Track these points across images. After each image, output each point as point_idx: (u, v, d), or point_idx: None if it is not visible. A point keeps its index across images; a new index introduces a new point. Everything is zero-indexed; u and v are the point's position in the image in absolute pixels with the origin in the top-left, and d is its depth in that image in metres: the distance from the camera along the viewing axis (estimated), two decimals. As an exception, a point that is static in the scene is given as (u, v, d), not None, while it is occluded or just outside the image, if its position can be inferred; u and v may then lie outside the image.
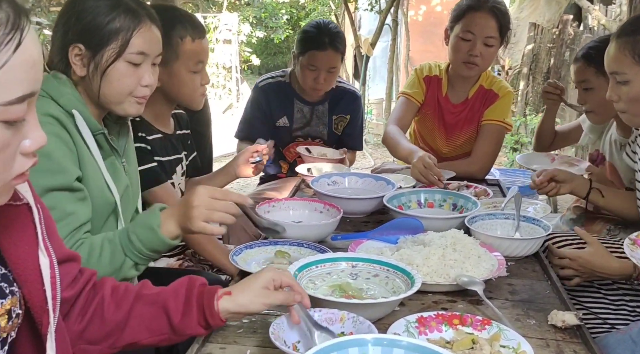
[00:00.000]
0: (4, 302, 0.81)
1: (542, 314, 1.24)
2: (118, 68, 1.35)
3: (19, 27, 0.68)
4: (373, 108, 9.36)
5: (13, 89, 0.67)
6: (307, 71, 2.50)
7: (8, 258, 0.83)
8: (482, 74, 2.47)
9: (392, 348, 0.95)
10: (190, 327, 1.05)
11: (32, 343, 0.88)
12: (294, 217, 1.73)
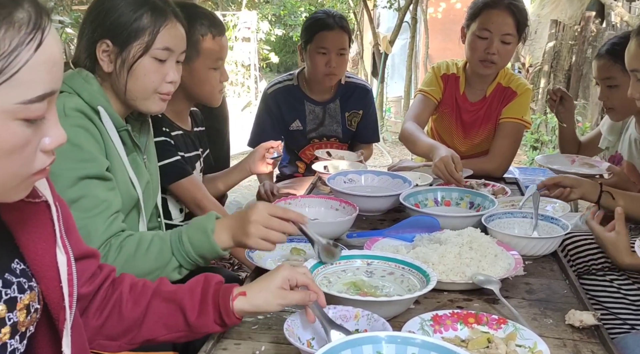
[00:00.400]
0: (23, 297, 0.83)
1: (559, 313, 1.23)
2: (144, 64, 1.38)
3: (40, 27, 0.69)
4: (391, 106, 9.33)
5: (34, 88, 0.69)
6: (318, 56, 2.49)
7: (26, 255, 0.84)
8: (500, 72, 2.44)
9: (406, 346, 0.95)
10: (207, 326, 1.05)
11: (49, 338, 0.90)
12: (310, 214, 1.73)
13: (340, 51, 2.50)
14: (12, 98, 0.67)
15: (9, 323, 0.80)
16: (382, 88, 8.49)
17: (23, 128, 0.69)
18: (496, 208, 1.71)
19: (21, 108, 0.68)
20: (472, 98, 2.48)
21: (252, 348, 1.08)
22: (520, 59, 8.39)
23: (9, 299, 0.80)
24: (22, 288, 0.83)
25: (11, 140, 0.69)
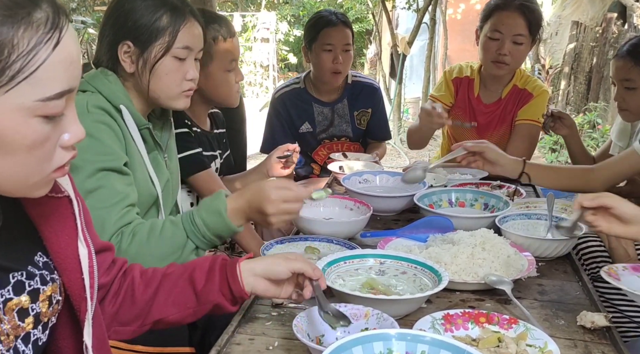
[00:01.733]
0: (45, 289, 0.86)
1: (571, 315, 1.23)
2: (165, 64, 1.42)
3: (58, 27, 0.72)
4: (409, 108, 9.31)
5: (52, 86, 0.71)
6: (324, 54, 2.52)
7: (49, 247, 0.87)
8: (516, 73, 2.44)
9: (416, 344, 0.97)
10: (213, 292, 1.06)
11: (70, 329, 0.93)
12: (325, 214, 1.75)
13: (345, 47, 2.53)
14: (31, 95, 0.70)
15: (32, 314, 0.83)
16: (400, 90, 8.48)
17: (42, 125, 0.72)
18: (510, 209, 1.71)
19: (40, 106, 0.71)
20: (486, 100, 2.48)
21: (265, 344, 1.10)
22: (541, 60, 8.32)
23: (32, 290, 0.83)
24: (44, 280, 0.86)
25: (31, 136, 0.71)
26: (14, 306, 0.80)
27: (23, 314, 0.82)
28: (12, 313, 0.80)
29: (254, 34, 11.82)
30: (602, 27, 7.21)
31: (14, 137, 0.70)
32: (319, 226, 1.59)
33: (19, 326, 0.81)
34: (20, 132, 0.70)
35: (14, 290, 0.81)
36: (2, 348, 0.78)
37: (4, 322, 0.78)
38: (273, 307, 1.26)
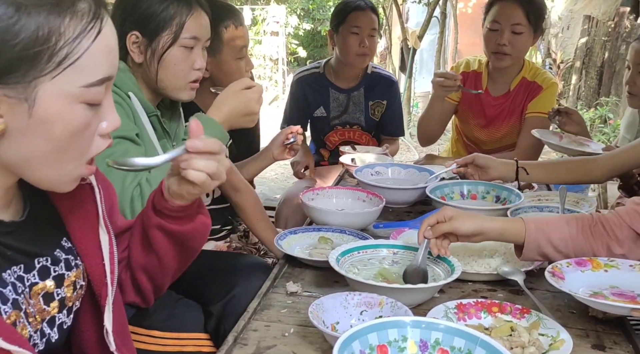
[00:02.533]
0: (70, 274, 0.89)
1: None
2: (173, 54, 1.43)
3: (99, 17, 0.75)
4: (419, 102, 9.29)
5: (94, 72, 0.74)
6: (351, 37, 2.56)
7: (72, 234, 0.90)
8: (525, 66, 2.46)
9: (431, 331, 0.98)
10: (148, 217, 0.99)
11: (92, 314, 0.95)
12: (337, 205, 1.76)
13: (371, 32, 2.58)
14: (76, 82, 0.73)
15: (57, 298, 0.86)
16: (410, 84, 8.47)
17: (85, 111, 0.75)
18: (522, 202, 1.72)
19: (83, 92, 0.74)
20: (495, 93, 2.49)
21: (281, 330, 1.12)
22: (552, 54, 8.28)
23: (57, 276, 0.86)
24: (69, 265, 0.88)
25: (75, 122, 0.74)
26: (40, 290, 0.83)
27: (48, 298, 0.84)
28: (38, 297, 0.82)
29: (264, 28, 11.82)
30: (615, 22, 7.16)
31: (60, 122, 0.73)
32: (332, 217, 1.60)
33: (44, 309, 0.84)
34: (65, 118, 0.73)
35: (39, 274, 0.83)
36: (30, 329, 0.80)
37: (31, 305, 0.81)
38: (288, 295, 1.28)
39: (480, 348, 0.94)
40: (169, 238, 1.00)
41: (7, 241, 0.77)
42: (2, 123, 0.70)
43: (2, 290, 0.75)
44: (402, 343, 0.98)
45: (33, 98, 0.71)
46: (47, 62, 0.70)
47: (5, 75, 0.68)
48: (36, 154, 0.74)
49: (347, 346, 0.92)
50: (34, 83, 0.70)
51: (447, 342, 0.97)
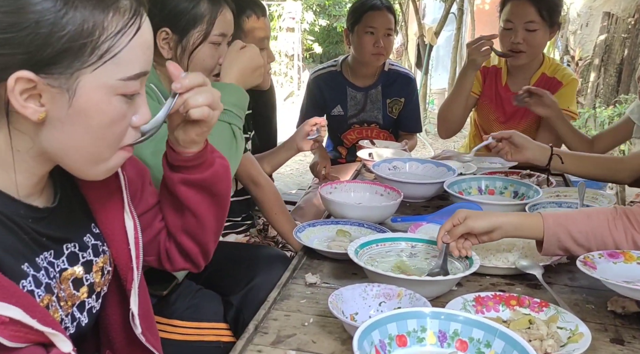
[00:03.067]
0: (98, 260, 0.91)
1: (601, 300, 1.24)
2: (203, 51, 1.47)
3: (139, 14, 0.78)
4: (435, 98, 9.25)
5: (132, 67, 0.77)
6: (366, 37, 2.56)
7: (99, 220, 0.92)
8: (545, 62, 2.45)
9: (449, 322, 0.99)
10: (168, 176, 1.01)
11: (118, 298, 0.98)
12: (355, 199, 1.78)
13: (387, 31, 2.57)
14: (115, 75, 0.76)
15: (86, 283, 0.88)
16: (426, 80, 8.44)
17: (121, 103, 0.78)
18: (540, 197, 1.72)
19: (121, 85, 0.77)
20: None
21: (300, 320, 1.14)
22: (570, 51, 8.20)
23: (86, 262, 0.88)
24: (97, 251, 0.91)
25: (112, 113, 0.77)
26: (69, 275, 0.85)
27: (78, 283, 0.87)
28: (68, 282, 0.85)
29: (280, 24, 11.83)
30: (635, 19, 7.06)
31: (98, 112, 0.76)
32: (351, 210, 1.62)
33: (74, 294, 0.86)
34: (103, 108, 0.76)
35: (68, 260, 0.85)
36: (62, 313, 0.83)
37: (62, 290, 0.83)
38: (307, 286, 1.29)
39: (499, 339, 0.95)
40: (195, 189, 1.01)
41: (39, 227, 0.80)
42: (43, 112, 0.73)
43: (36, 274, 0.77)
44: (421, 333, 0.99)
45: (74, 89, 0.73)
46: (90, 55, 0.73)
47: (51, 66, 0.71)
48: (74, 143, 0.77)
49: (367, 336, 0.94)
50: (76, 75, 0.73)
51: (466, 333, 0.98)
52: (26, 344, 0.68)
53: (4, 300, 0.65)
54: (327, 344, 1.06)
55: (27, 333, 0.67)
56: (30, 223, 0.78)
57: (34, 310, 0.69)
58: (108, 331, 0.98)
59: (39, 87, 0.72)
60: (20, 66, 0.70)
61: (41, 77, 0.71)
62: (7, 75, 0.70)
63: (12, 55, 0.69)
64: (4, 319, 0.64)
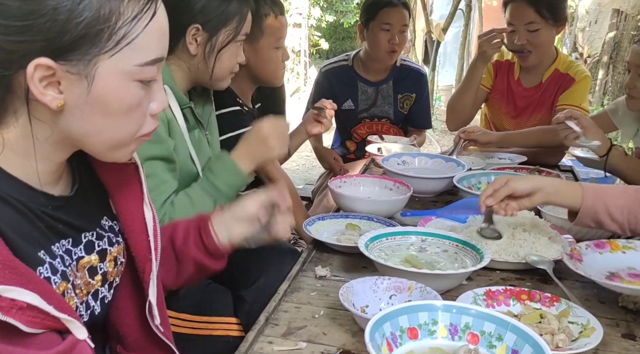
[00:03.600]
0: (112, 250, 0.92)
1: (612, 296, 1.24)
2: (230, 49, 1.47)
3: (154, 0, 0.77)
4: (442, 95, 9.22)
5: (148, 52, 0.78)
6: (382, 33, 2.55)
7: (118, 210, 0.93)
8: (559, 58, 2.44)
9: (461, 315, 0.99)
10: (189, 249, 1.09)
11: (131, 291, 0.99)
12: (364, 193, 1.78)
13: (402, 28, 2.57)
14: (132, 60, 0.76)
15: (100, 272, 0.89)
16: (433, 77, 8.41)
17: (138, 89, 0.78)
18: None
19: (138, 71, 0.77)
20: (527, 83, 2.48)
21: (311, 312, 1.14)
22: (578, 49, 8.16)
23: (101, 250, 0.89)
24: (111, 241, 0.91)
25: (129, 100, 0.78)
26: (85, 263, 0.86)
27: (93, 272, 0.87)
28: (84, 270, 0.85)
29: (287, 19, 11.86)
30: (644, 16, 7.02)
31: (116, 98, 0.76)
32: (360, 204, 1.62)
33: (89, 282, 0.87)
34: (121, 95, 0.77)
35: (85, 249, 0.86)
36: (77, 301, 0.83)
37: (78, 277, 0.84)
38: (317, 279, 1.29)
39: (511, 332, 0.95)
40: (199, 269, 1.12)
41: (58, 214, 0.80)
42: (62, 100, 0.73)
43: (52, 261, 0.77)
44: (432, 326, 0.99)
45: (92, 76, 0.74)
46: (107, 41, 0.73)
47: (69, 52, 0.71)
48: (93, 129, 0.78)
49: (378, 328, 0.93)
50: (94, 61, 0.73)
51: (478, 326, 0.98)
52: (42, 330, 0.69)
53: (22, 286, 0.65)
54: (338, 336, 1.06)
55: (44, 319, 0.68)
56: (49, 210, 0.78)
57: (51, 297, 0.69)
58: (120, 324, 0.98)
59: (58, 74, 0.72)
60: (39, 53, 0.70)
61: (60, 64, 0.71)
62: (26, 62, 0.70)
63: (32, 42, 0.70)
64: (21, 305, 0.64)
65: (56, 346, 0.70)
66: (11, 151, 0.75)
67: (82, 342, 0.74)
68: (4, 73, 0.71)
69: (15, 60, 0.70)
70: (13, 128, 0.75)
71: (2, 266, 0.64)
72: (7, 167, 0.74)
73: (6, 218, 0.70)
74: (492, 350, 0.95)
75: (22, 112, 0.74)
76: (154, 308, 0.93)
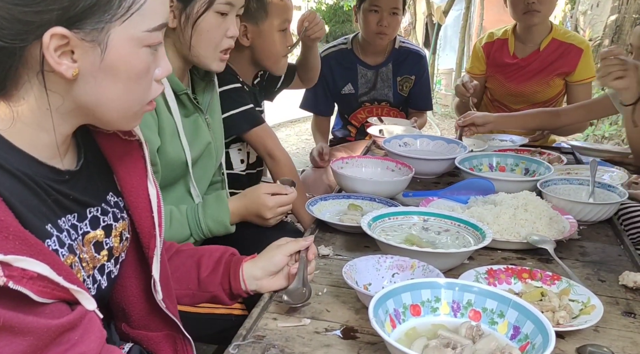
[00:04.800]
0: (117, 225, 0.92)
1: (613, 275, 1.25)
2: (208, 20, 1.41)
3: None
4: (442, 79, 9.20)
5: (155, 18, 0.79)
6: (370, 15, 2.53)
7: (123, 187, 0.93)
8: (554, 28, 2.53)
9: (463, 292, 1.00)
10: (214, 285, 1.14)
11: (135, 267, 0.99)
12: (366, 174, 1.78)
13: (393, 10, 2.52)
14: (141, 26, 0.77)
15: (106, 247, 0.89)
16: (434, 60, 8.38)
17: (147, 55, 0.80)
18: (552, 174, 1.72)
19: (147, 36, 0.78)
20: (522, 54, 2.58)
21: (314, 290, 1.15)
22: (580, 32, 8.11)
23: (106, 226, 0.89)
24: (116, 217, 0.92)
25: (140, 65, 0.79)
26: (91, 238, 0.86)
27: (99, 246, 0.88)
28: (90, 245, 0.86)
29: (286, 2, 11.78)
30: (647, -2, 6.97)
31: (127, 64, 0.77)
32: (362, 184, 1.62)
33: (95, 257, 0.88)
34: (132, 60, 0.78)
35: (91, 224, 0.87)
36: (84, 274, 0.84)
37: (84, 252, 0.85)
38: (320, 258, 1.30)
39: (512, 309, 0.96)
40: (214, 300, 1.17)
41: (63, 189, 0.81)
42: (76, 69, 0.74)
43: (59, 234, 0.78)
44: (435, 303, 1.00)
45: (106, 43, 0.75)
46: (118, 8, 0.74)
47: (82, 20, 0.72)
48: (107, 96, 0.78)
49: (382, 304, 0.95)
50: (107, 28, 0.74)
51: (480, 303, 0.99)
52: (52, 300, 0.70)
53: (32, 256, 0.66)
54: (341, 313, 1.07)
55: (54, 289, 0.69)
56: (55, 185, 0.79)
57: (60, 268, 0.70)
58: (125, 301, 0.99)
59: (72, 43, 0.73)
60: (54, 23, 0.71)
61: (74, 32, 0.72)
62: (42, 32, 0.71)
63: (47, 12, 0.70)
64: (32, 275, 0.65)
65: (66, 315, 0.71)
66: (23, 123, 0.76)
67: (90, 312, 0.75)
68: (20, 45, 0.72)
69: (31, 31, 0.71)
70: (24, 100, 0.75)
71: (12, 237, 0.65)
72: (16, 140, 0.75)
73: (15, 191, 0.71)
74: (493, 327, 0.96)
75: (34, 83, 0.74)
76: (157, 283, 0.94)
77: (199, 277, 1.14)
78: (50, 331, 0.68)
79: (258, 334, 0.99)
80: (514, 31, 2.59)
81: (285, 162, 1.87)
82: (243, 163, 1.98)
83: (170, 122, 1.44)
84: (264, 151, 1.87)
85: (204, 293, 1.15)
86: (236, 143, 1.94)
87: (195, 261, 1.15)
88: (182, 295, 1.13)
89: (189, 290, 1.14)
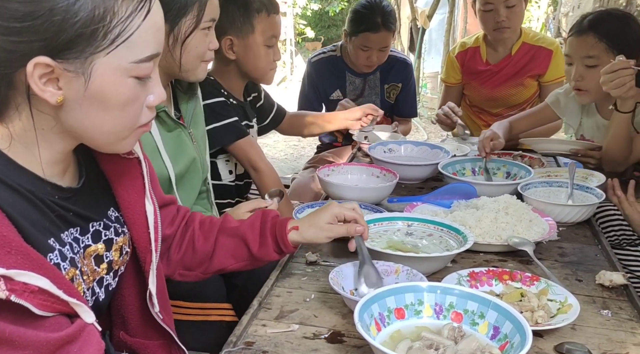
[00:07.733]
0: (118, 239, 0.96)
1: (590, 275, 1.30)
2: (196, 38, 1.44)
3: None
4: (428, 82, 9.26)
5: (144, 49, 0.80)
6: (360, 51, 2.61)
7: (121, 204, 0.96)
8: (523, 32, 2.60)
9: (445, 295, 1.04)
10: (268, 254, 1.20)
11: (134, 280, 1.03)
12: (352, 181, 1.82)
13: (382, 48, 2.60)
14: (127, 57, 0.79)
15: (106, 260, 0.93)
16: (419, 64, 8.45)
17: (135, 85, 0.81)
18: (532, 177, 1.77)
19: (134, 67, 0.80)
20: (494, 60, 2.65)
21: (302, 296, 1.19)
22: (562, 33, 8.21)
23: (107, 240, 0.93)
24: (117, 232, 0.95)
25: (126, 94, 0.81)
26: (92, 252, 0.89)
27: (99, 260, 0.91)
28: (90, 258, 0.89)
29: (272, 8, 11.80)
30: (627, 0, 7.08)
31: (113, 94, 0.79)
32: (348, 191, 1.66)
33: (95, 270, 0.91)
34: (118, 90, 0.79)
35: (92, 238, 0.90)
36: (84, 286, 0.87)
37: (84, 265, 0.88)
38: (307, 265, 1.34)
39: (492, 310, 1.00)
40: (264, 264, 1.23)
41: (66, 204, 0.84)
42: (61, 96, 0.76)
43: (62, 248, 0.81)
44: (418, 306, 1.04)
45: (89, 73, 0.76)
46: (103, 39, 0.76)
47: (66, 51, 0.74)
48: (93, 123, 0.81)
49: (367, 309, 0.98)
50: (90, 59, 0.76)
51: (461, 305, 1.03)
52: (52, 313, 0.72)
53: (34, 271, 0.69)
54: (329, 318, 1.11)
55: (54, 303, 0.72)
56: (58, 200, 0.82)
57: (60, 282, 0.73)
58: (124, 311, 1.02)
59: (56, 72, 0.75)
60: (38, 52, 0.73)
61: (58, 62, 0.74)
62: (26, 61, 0.73)
63: (30, 42, 0.72)
64: (33, 288, 0.68)
65: (65, 328, 0.73)
66: (19, 143, 0.78)
67: (89, 325, 0.78)
68: (5, 71, 0.74)
69: (15, 59, 0.73)
70: (18, 121, 0.78)
71: (15, 252, 0.68)
72: (18, 158, 0.78)
73: (18, 206, 0.73)
74: (474, 327, 1.00)
75: (25, 106, 0.77)
76: (153, 296, 0.97)
77: (251, 252, 1.19)
78: (50, 345, 0.71)
79: (248, 340, 1.02)
80: (485, 38, 2.67)
81: (269, 173, 1.89)
82: (231, 174, 2.01)
83: (150, 139, 1.45)
84: (247, 163, 1.90)
85: (261, 262, 1.22)
86: (223, 154, 1.97)
87: (241, 240, 1.20)
88: (241, 266, 1.21)
89: (246, 261, 1.21)
